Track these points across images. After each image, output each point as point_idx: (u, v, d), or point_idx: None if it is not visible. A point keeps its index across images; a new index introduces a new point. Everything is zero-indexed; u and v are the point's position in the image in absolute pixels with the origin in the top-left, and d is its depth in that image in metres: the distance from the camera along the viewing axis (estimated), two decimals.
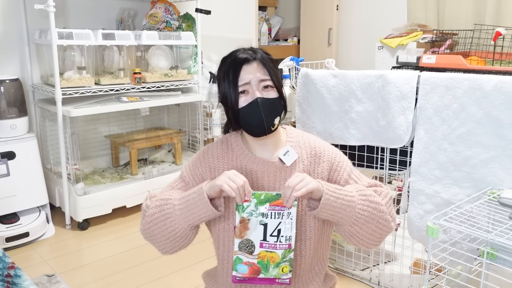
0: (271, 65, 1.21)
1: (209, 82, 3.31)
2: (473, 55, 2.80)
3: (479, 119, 1.54)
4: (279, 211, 1.12)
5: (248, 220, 1.12)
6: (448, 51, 3.09)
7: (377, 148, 1.89)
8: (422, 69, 2.77)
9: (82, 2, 2.99)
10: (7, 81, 2.49)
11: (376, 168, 1.90)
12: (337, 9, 4.41)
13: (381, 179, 2.79)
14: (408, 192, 1.77)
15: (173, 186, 1.30)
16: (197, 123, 3.21)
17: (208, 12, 3.09)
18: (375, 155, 1.90)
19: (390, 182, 2.89)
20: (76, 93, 2.56)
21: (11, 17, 2.69)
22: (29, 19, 2.74)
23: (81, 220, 2.59)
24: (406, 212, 1.79)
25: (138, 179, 2.86)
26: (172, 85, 3.00)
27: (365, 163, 1.94)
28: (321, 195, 1.10)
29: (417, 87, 1.69)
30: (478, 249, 1.34)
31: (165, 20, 3.12)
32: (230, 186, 1.08)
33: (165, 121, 3.49)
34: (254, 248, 1.13)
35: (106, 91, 2.69)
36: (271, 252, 1.14)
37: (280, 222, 1.13)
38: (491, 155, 1.53)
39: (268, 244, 1.13)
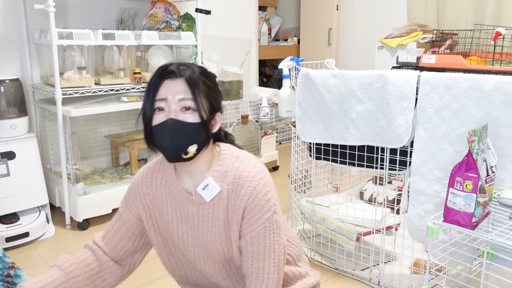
0: (201, 86, 1.04)
1: None
2: (473, 55, 2.81)
3: (479, 119, 1.54)
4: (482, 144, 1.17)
5: (476, 160, 1.13)
6: (448, 51, 3.09)
7: (377, 148, 1.89)
8: (422, 69, 2.77)
9: (82, 2, 2.99)
10: (7, 81, 2.49)
11: (376, 168, 1.90)
12: (337, 9, 4.41)
13: (381, 179, 2.80)
14: (408, 192, 1.77)
15: (112, 225, 1.22)
16: None
17: (208, 12, 3.09)
18: (375, 155, 1.90)
19: (390, 182, 2.89)
20: (76, 93, 2.56)
21: (11, 17, 2.69)
22: (29, 19, 2.74)
23: (81, 220, 2.60)
24: (406, 212, 1.79)
25: None
26: None
27: (365, 163, 1.94)
28: None
29: (417, 87, 1.69)
30: (478, 249, 1.34)
31: (165, 20, 3.12)
32: None
33: None
34: (483, 186, 1.16)
35: (106, 91, 2.69)
36: (490, 185, 1.19)
37: (487, 154, 1.19)
38: None
39: (490, 178, 1.18)
